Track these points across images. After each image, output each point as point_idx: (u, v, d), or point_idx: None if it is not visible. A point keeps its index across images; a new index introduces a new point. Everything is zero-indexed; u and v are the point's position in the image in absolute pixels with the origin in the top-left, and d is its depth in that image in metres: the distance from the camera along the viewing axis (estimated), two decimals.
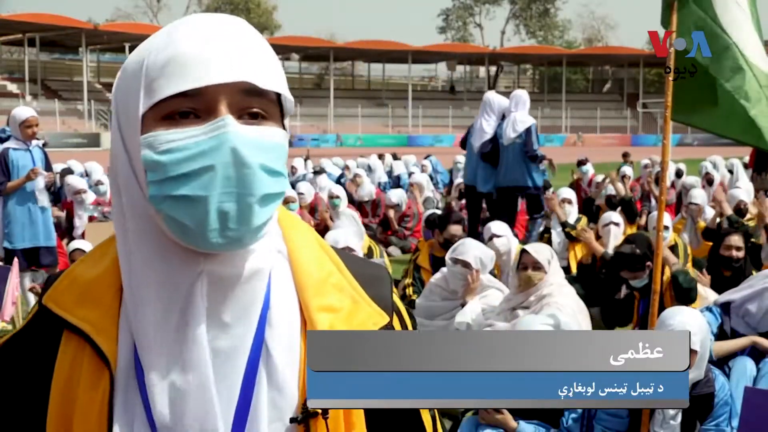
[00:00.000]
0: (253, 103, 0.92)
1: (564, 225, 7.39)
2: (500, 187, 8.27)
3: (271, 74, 0.93)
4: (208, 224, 0.88)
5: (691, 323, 3.25)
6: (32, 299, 6.78)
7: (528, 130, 8.15)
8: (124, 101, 0.95)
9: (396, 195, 10.29)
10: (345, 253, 1.10)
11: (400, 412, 1.06)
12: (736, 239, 5.79)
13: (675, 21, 3.46)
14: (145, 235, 0.94)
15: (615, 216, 7.13)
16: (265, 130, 0.92)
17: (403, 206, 10.24)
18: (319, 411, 0.95)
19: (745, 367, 3.87)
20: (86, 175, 12.36)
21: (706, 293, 5.48)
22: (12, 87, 46.32)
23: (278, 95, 0.95)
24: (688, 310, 3.58)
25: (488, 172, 8.40)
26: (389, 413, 1.04)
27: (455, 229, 6.15)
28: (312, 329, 0.97)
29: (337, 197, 9.58)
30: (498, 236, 6.15)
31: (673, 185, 11.28)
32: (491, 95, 8.84)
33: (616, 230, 6.87)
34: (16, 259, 6.17)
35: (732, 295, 4.37)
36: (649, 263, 4.90)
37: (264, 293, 0.98)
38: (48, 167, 6.71)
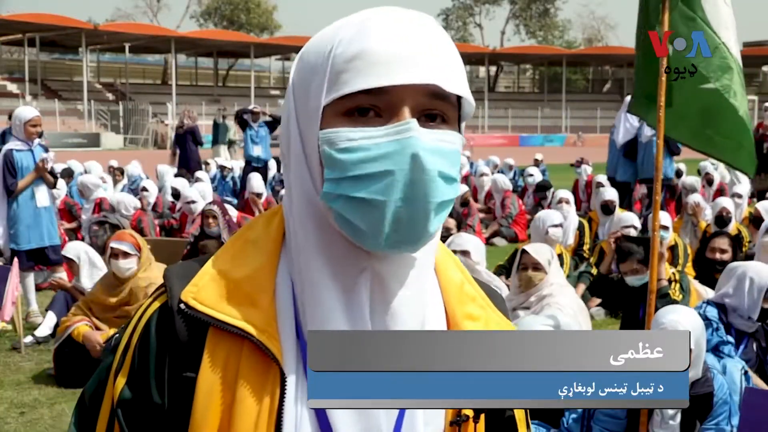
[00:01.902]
0: (435, 106, 0.90)
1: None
2: (641, 178, 10.03)
3: (456, 77, 0.91)
4: (382, 229, 0.87)
5: (684, 321, 3.25)
6: (33, 300, 6.79)
7: None
8: (303, 90, 0.93)
9: None
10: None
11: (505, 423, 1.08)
12: (721, 242, 5.82)
13: (667, 20, 3.48)
14: (312, 221, 0.93)
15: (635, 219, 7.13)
16: (444, 134, 0.90)
17: None
18: (470, 415, 0.96)
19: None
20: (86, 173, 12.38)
21: (707, 293, 5.49)
22: (12, 87, 46.29)
23: (459, 98, 0.94)
24: (683, 309, 3.59)
25: (628, 165, 10.34)
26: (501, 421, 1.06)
27: (449, 221, 6.17)
28: None
29: None
30: (555, 226, 6.28)
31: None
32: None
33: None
34: (16, 260, 6.18)
35: (716, 295, 4.43)
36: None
37: (425, 299, 0.98)
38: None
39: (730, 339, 4.18)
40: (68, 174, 12.07)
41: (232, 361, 0.93)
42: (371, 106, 0.88)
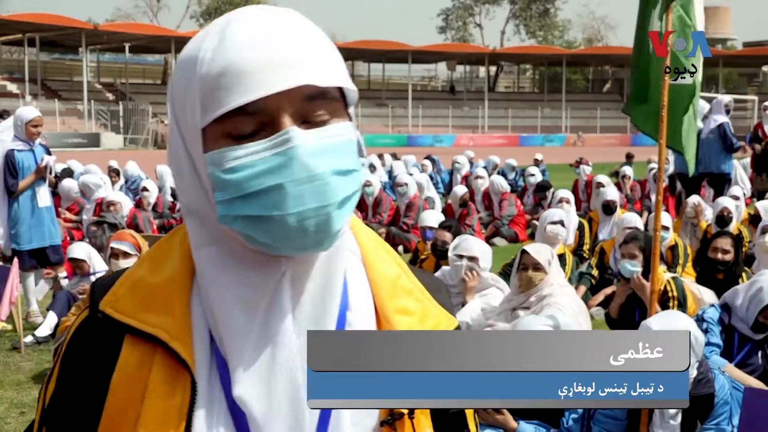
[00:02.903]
0: (315, 108, 0.88)
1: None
2: (702, 173, 10.34)
3: (331, 70, 0.89)
4: (288, 239, 0.87)
5: (674, 327, 3.24)
6: (33, 300, 6.80)
7: (720, 126, 10.21)
8: (182, 111, 0.91)
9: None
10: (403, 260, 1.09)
11: (453, 418, 1.06)
12: (723, 242, 5.81)
13: (671, 20, 3.50)
14: (217, 243, 0.93)
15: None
16: (329, 130, 0.88)
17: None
18: (405, 412, 0.94)
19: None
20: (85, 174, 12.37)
21: (701, 292, 5.49)
22: (12, 87, 46.28)
23: (340, 88, 0.92)
24: (674, 314, 3.60)
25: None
26: (447, 419, 1.04)
27: (445, 235, 6.12)
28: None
29: None
30: (555, 223, 6.27)
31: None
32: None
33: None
34: (16, 260, 6.19)
35: (727, 295, 4.43)
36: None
37: (342, 292, 0.97)
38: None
39: (718, 341, 4.21)
40: (68, 174, 12.07)
41: (144, 368, 0.93)
42: (251, 120, 0.86)
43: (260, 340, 0.92)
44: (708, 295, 5.49)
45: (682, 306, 4.93)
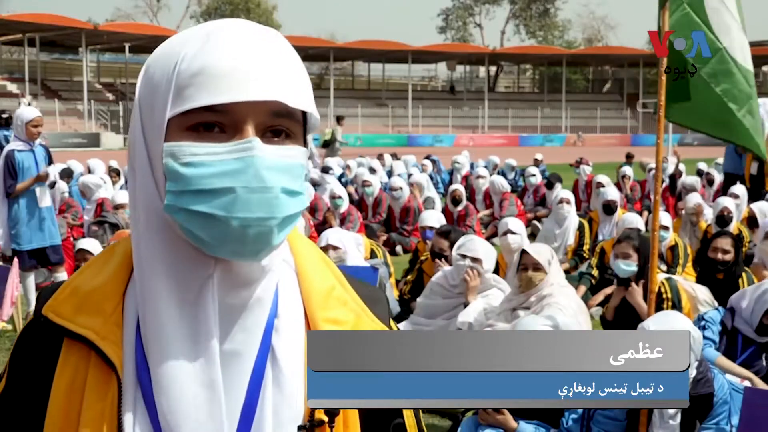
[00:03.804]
0: (279, 123, 0.92)
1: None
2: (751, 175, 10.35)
3: (300, 93, 0.93)
4: (225, 242, 0.89)
5: (671, 327, 3.24)
6: (33, 300, 6.80)
7: None
8: (149, 102, 0.94)
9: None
10: (343, 272, 1.10)
11: (389, 419, 1.06)
12: (724, 242, 5.81)
13: (667, 20, 3.50)
14: (156, 231, 0.95)
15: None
16: (287, 150, 0.92)
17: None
18: (326, 420, 0.95)
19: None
20: (89, 172, 12.39)
21: (695, 290, 5.48)
22: (12, 87, 46.26)
23: (304, 112, 0.96)
24: (672, 314, 3.60)
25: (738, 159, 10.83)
26: (382, 421, 1.05)
27: (442, 243, 6.07)
28: None
29: (339, 197, 9.56)
30: (513, 233, 6.17)
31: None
32: None
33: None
34: (16, 260, 6.19)
35: (733, 298, 4.43)
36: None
37: (272, 300, 0.99)
38: (50, 165, 6.74)
39: (713, 337, 4.22)
40: (68, 174, 12.06)
41: (81, 370, 0.96)
42: (215, 122, 0.90)
43: (182, 342, 0.93)
44: (702, 292, 5.49)
45: (676, 307, 4.94)
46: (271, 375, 0.96)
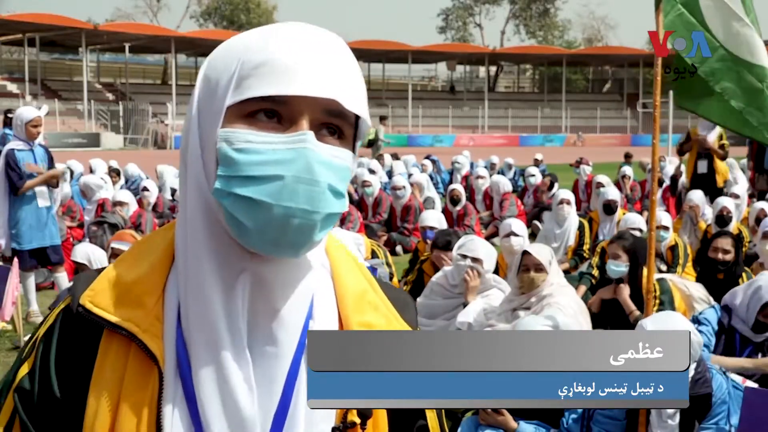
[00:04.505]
0: (332, 121, 0.95)
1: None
2: None
3: (356, 97, 0.95)
4: (268, 231, 0.91)
5: (669, 327, 3.24)
6: (33, 300, 6.79)
7: None
8: (209, 91, 0.97)
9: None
10: (374, 275, 1.12)
11: (413, 420, 1.08)
12: (724, 242, 5.81)
13: (661, 21, 3.50)
14: (201, 219, 0.96)
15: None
16: (338, 151, 0.95)
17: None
18: (358, 421, 0.97)
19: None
20: (91, 171, 12.40)
21: (688, 288, 5.48)
22: (12, 87, 46.23)
23: (357, 118, 0.98)
24: (671, 314, 3.60)
25: None
26: (407, 423, 1.06)
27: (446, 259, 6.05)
28: None
29: None
30: (516, 235, 6.16)
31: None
32: None
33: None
34: (16, 259, 6.18)
35: (727, 296, 4.44)
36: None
37: (308, 303, 1.00)
38: (52, 165, 6.74)
39: (709, 338, 4.22)
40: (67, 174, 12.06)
41: (120, 361, 0.97)
42: (272, 113, 0.93)
43: (223, 336, 0.95)
44: (697, 290, 5.48)
45: (665, 307, 4.94)
46: (306, 375, 0.96)
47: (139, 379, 0.96)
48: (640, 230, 7.01)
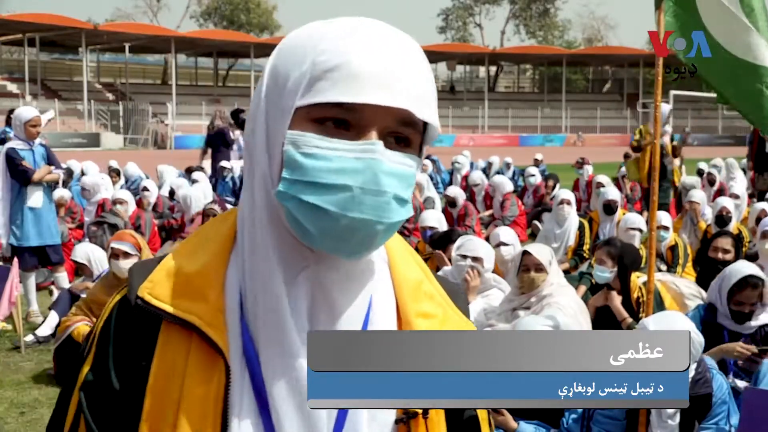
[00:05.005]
0: (402, 131, 0.93)
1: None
2: None
3: (428, 105, 0.93)
4: (329, 237, 0.90)
5: (670, 327, 3.23)
6: (33, 299, 6.80)
7: None
8: (278, 89, 0.94)
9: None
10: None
11: (467, 421, 1.07)
12: (724, 242, 5.81)
13: (663, 21, 3.50)
14: (264, 215, 0.96)
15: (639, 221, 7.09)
16: (406, 158, 0.93)
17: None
18: (419, 411, 0.97)
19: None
20: (83, 174, 12.38)
21: (678, 286, 5.48)
22: (12, 87, 46.23)
23: (425, 123, 0.96)
24: (672, 314, 3.60)
25: None
26: (460, 413, 1.06)
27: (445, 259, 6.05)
28: None
29: None
30: (505, 244, 6.15)
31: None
32: None
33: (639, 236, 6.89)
34: (16, 259, 6.19)
35: (708, 294, 4.45)
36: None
37: (368, 298, 1.00)
38: (51, 163, 6.74)
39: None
40: (68, 174, 12.06)
41: (181, 353, 0.96)
42: (341, 119, 0.90)
43: (290, 328, 0.94)
44: (686, 286, 5.48)
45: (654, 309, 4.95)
46: None
47: (202, 372, 0.94)
48: (640, 230, 7.01)
